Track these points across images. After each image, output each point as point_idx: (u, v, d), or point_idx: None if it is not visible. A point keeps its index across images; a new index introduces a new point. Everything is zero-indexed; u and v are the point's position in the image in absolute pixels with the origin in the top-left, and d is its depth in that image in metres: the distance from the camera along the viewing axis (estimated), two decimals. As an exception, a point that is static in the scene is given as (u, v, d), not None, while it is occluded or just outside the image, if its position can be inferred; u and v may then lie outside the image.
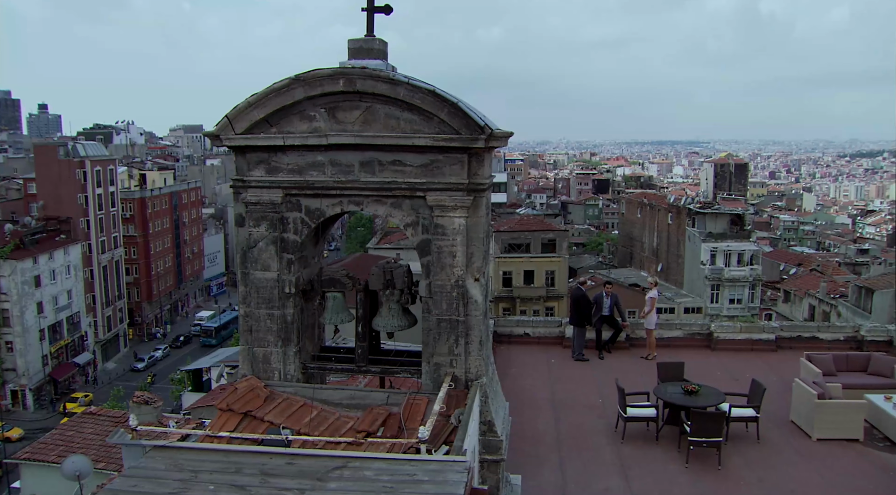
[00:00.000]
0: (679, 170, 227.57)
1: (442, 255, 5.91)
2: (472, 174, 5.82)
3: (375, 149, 5.85)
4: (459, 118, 5.59)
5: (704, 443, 8.62)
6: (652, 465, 8.75)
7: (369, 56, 6.05)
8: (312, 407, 6.12)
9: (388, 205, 6.01)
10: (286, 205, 6.14)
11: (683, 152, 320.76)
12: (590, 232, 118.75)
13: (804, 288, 47.58)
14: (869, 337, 13.33)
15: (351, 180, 5.94)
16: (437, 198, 5.82)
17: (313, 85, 5.73)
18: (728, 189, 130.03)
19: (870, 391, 10.40)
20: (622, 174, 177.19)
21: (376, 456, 4.57)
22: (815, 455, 9.11)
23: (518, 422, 9.96)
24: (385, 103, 5.75)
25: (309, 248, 6.51)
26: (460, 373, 6.06)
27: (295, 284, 6.25)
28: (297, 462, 4.56)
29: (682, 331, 13.76)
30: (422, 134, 5.70)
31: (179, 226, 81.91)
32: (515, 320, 13.89)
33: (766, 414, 10.41)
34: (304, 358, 6.55)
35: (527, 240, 58.59)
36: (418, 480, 4.25)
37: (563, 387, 11.42)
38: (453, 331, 6.00)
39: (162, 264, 76.95)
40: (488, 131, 5.56)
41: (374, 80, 5.65)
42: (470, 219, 5.90)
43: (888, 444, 9.44)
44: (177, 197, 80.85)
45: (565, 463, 8.71)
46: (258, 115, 5.86)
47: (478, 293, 5.99)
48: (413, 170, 5.85)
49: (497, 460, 6.20)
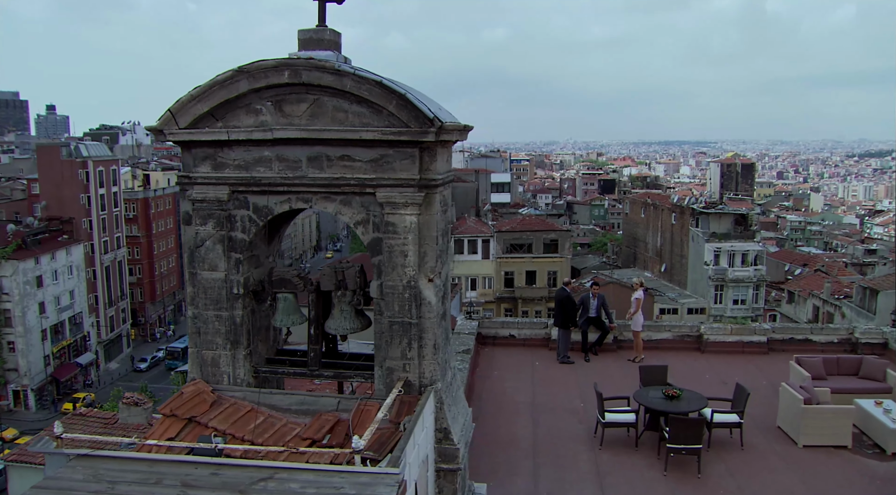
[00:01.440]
0: (686, 170, 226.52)
1: (393, 255, 5.65)
2: (423, 169, 5.55)
3: (323, 143, 5.60)
4: (408, 110, 5.32)
5: (683, 450, 8.31)
6: (629, 473, 8.45)
7: (320, 47, 5.80)
8: (259, 412, 5.88)
9: (337, 203, 5.75)
10: (233, 202, 5.90)
11: (691, 152, 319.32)
12: (595, 232, 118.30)
13: (808, 288, 47.01)
14: (863, 339, 12.97)
15: (298, 176, 5.69)
16: (386, 195, 5.56)
17: (258, 77, 5.48)
18: (735, 189, 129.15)
19: (860, 395, 10.06)
20: (628, 174, 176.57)
21: (305, 467, 4.31)
22: (800, 462, 8.79)
23: (494, 427, 9.72)
24: (333, 96, 5.49)
25: (260, 248, 6.27)
26: (414, 378, 5.80)
27: (243, 285, 6.01)
28: (222, 473, 4.30)
29: (671, 332, 13.43)
30: (371, 127, 5.44)
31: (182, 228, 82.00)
32: (500, 322, 13.61)
33: (753, 420, 10.10)
34: (256, 361, 6.30)
35: (528, 240, 58.32)
36: (345, 493, 3.99)
37: (544, 391, 11.13)
38: (406, 335, 5.74)
39: (165, 264, 77.04)
40: (438, 124, 5.29)
41: (320, 71, 5.39)
42: (422, 217, 5.63)
43: (877, 452, 9.10)
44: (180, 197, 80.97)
45: (539, 470, 8.43)
46: (202, 108, 5.61)
47: (432, 295, 5.72)
48: (362, 166, 5.59)
49: (454, 469, 5.94)
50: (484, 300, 59.21)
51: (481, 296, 59.34)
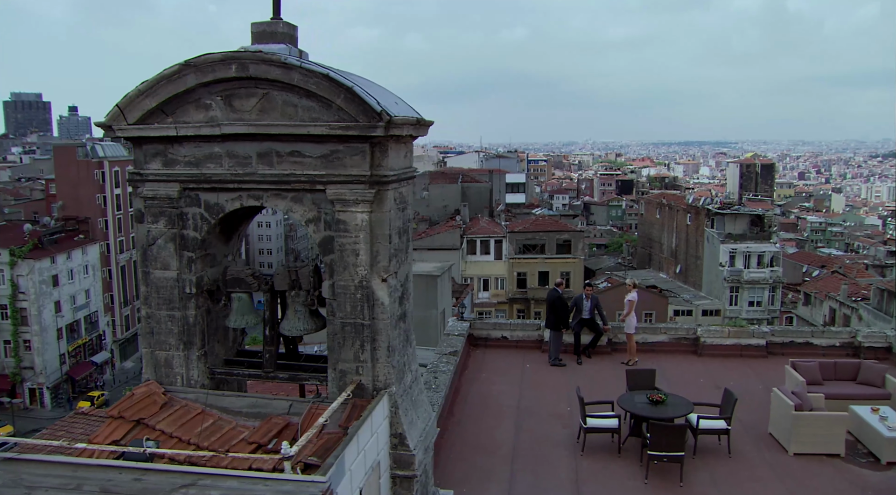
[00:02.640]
0: (705, 170, 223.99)
1: (344, 254, 5.47)
2: (375, 165, 5.37)
3: (273, 139, 5.44)
4: (356, 104, 5.14)
5: (665, 458, 8.03)
6: (609, 480, 8.19)
7: (273, 40, 5.65)
8: (209, 415, 5.73)
9: (288, 200, 5.59)
10: (185, 199, 5.76)
11: (711, 153, 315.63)
12: (612, 233, 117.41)
13: (825, 290, 46.07)
14: (866, 343, 12.55)
15: (248, 173, 5.54)
16: (337, 192, 5.38)
17: (205, 71, 5.33)
18: (754, 189, 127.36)
19: (856, 402, 9.69)
20: (647, 175, 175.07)
21: (230, 474, 4.14)
22: (789, 471, 8.46)
23: (475, 431, 9.51)
24: (282, 90, 5.33)
25: (216, 246, 6.12)
26: (367, 382, 5.61)
27: (196, 284, 5.87)
28: (146, 478, 4.16)
29: (666, 335, 13.11)
30: (320, 122, 5.27)
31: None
32: (492, 323, 13.39)
33: (745, 426, 9.79)
34: (212, 362, 6.15)
35: (541, 240, 57.91)
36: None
37: (532, 394, 10.88)
38: (358, 336, 5.56)
39: (181, 264, 77.68)
40: (387, 117, 5.10)
41: (268, 64, 5.23)
42: (374, 215, 5.45)
43: (871, 461, 8.74)
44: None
45: (516, 476, 8.20)
46: (150, 103, 5.48)
47: (385, 295, 5.53)
48: (312, 162, 5.42)
49: (409, 476, 5.75)
50: (496, 301, 58.94)
51: (493, 296, 59.08)
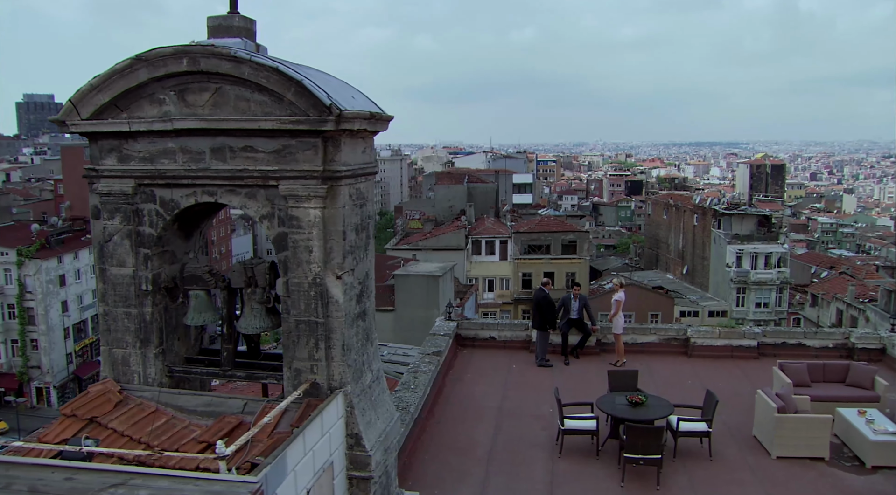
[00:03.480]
0: (716, 171, 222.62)
1: (298, 250, 5.38)
2: (328, 160, 5.28)
3: (226, 134, 5.36)
4: (306, 98, 5.05)
5: (641, 461, 7.88)
6: (585, 483, 8.05)
7: (229, 34, 5.57)
8: (163, 413, 5.66)
9: (242, 196, 5.51)
10: (140, 196, 5.70)
11: (722, 153, 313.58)
12: (620, 233, 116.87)
13: (832, 291, 45.55)
14: (860, 344, 12.33)
15: (202, 168, 5.46)
16: (289, 187, 5.29)
17: (157, 65, 5.26)
18: (764, 190, 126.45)
19: (844, 404, 9.50)
20: (656, 175, 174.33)
21: (162, 474, 4.06)
22: (771, 475, 8.29)
23: (453, 432, 9.40)
24: (235, 84, 5.25)
25: (175, 243, 6.05)
26: (322, 381, 5.52)
27: (153, 281, 5.80)
28: (77, 477, 4.08)
29: (656, 336, 12.94)
30: (271, 117, 5.19)
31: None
32: (480, 323, 13.26)
33: (730, 429, 9.63)
34: (171, 360, 6.08)
35: (547, 241, 57.68)
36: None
37: (515, 395, 10.76)
38: (313, 334, 5.46)
39: (188, 264, 78.03)
40: (337, 111, 5.01)
41: (218, 58, 5.15)
42: (327, 211, 5.35)
43: (856, 464, 8.55)
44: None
45: (490, 478, 8.08)
46: (103, 98, 5.41)
47: (339, 293, 5.44)
48: (265, 157, 5.34)
49: (366, 477, 5.65)
50: (501, 301, 58.77)
51: (498, 297, 58.92)
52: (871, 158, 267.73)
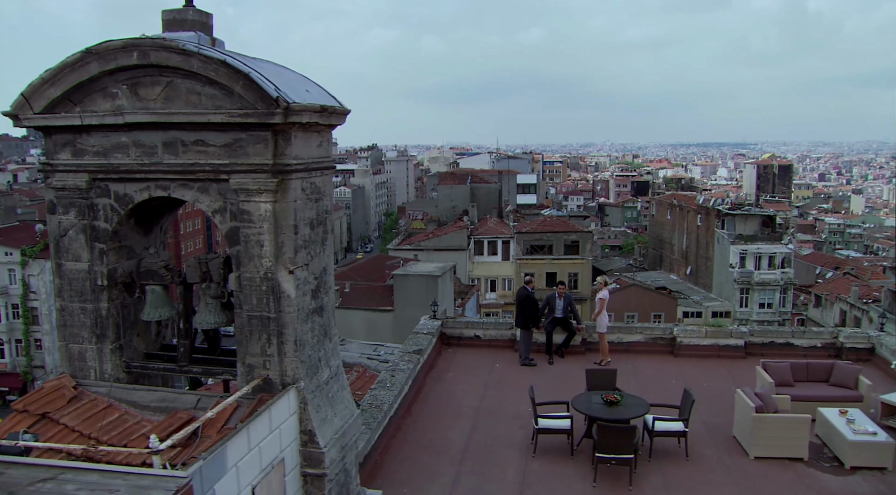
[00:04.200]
0: (723, 172, 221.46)
1: (249, 245, 5.34)
2: (278, 154, 5.24)
3: (177, 128, 5.33)
4: (254, 91, 5.02)
5: (613, 460, 7.78)
6: (557, 483, 7.96)
7: (183, 28, 5.53)
8: (116, 409, 5.63)
9: (195, 190, 5.47)
10: (95, 190, 5.67)
11: (729, 154, 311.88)
12: (626, 234, 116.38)
13: (836, 292, 45.14)
14: (848, 343, 12.17)
15: (155, 163, 5.43)
16: (240, 181, 5.26)
17: (108, 58, 5.23)
18: (771, 191, 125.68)
19: (827, 404, 9.37)
20: (663, 176, 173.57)
21: (92, 468, 4.02)
22: (747, 475, 8.17)
23: (428, 431, 9.33)
24: (185, 77, 5.22)
25: (133, 238, 6.02)
26: (275, 376, 5.48)
27: (108, 276, 5.77)
28: (8, 472, 4.04)
29: (643, 335, 12.82)
30: (223, 110, 5.15)
31: (211, 227, 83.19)
32: (465, 322, 13.18)
33: (710, 429, 9.52)
34: (129, 356, 6.05)
35: (549, 241, 57.41)
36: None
37: (495, 394, 10.67)
38: (265, 330, 5.42)
39: (193, 265, 78.21)
40: (284, 104, 4.96)
41: (167, 51, 5.12)
42: (278, 205, 5.31)
43: (835, 465, 8.41)
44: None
45: (461, 478, 8.00)
46: (55, 92, 5.39)
47: (291, 288, 5.39)
48: (216, 151, 5.30)
49: (320, 474, 5.60)
50: (504, 302, 58.56)
51: (501, 297, 58.73)
52: (881, 159, 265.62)
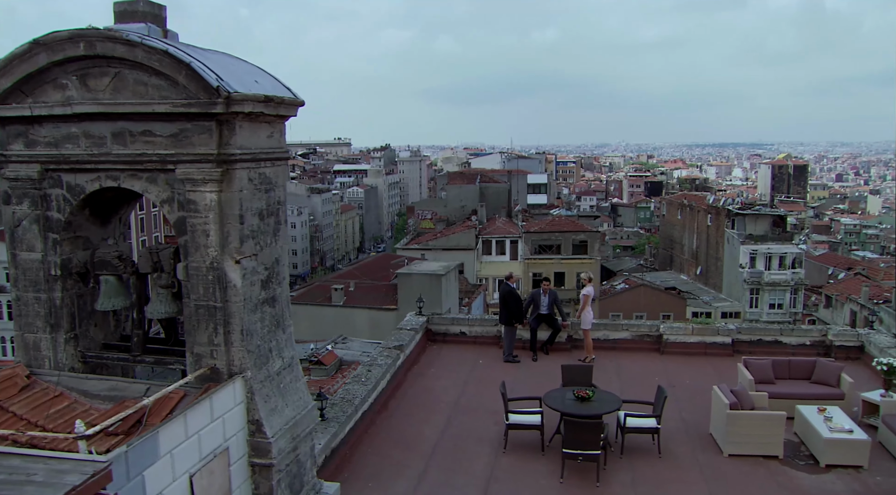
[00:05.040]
0: (738, 172, 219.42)
1: (196, 234, 5.36)
2: (223, 144, 5.25)
3: (125, 118, 5.35)
4: (196, 81, 5.03)
5: (580, 456, 7.72)
6: (525, 478, 7.91)
7: (133, 19, 5.55)
8: (66, 398, 5.67)
9: (143, 180, 5.51)
10: (48, 181, 5.71)
11: (745, 154, 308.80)
12: (639, 234, 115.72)
13: (846, 292, 44.53)
14: (837, 341, 11.99)
15: (104, 153, 5.46)
16: (185, 171, 5.28)
17: (55, 49, 5.27)
18: (786, 191, 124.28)
19: (807, 401, 9.22)
20: (678, 176, 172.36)
21: (16, 452, 4.05)
22: (718, 473, 8.06)
23: (403, 426, 9.32)
24: (132, 68, 5.24)
25: (89, 229, 6.06)
26: (222, 366, 5.49)
27: (62, 266, 5.81)
28: (-66, 457, 4.08)
29: (629, 332, 12.72)
30: (168, 100, 5.17)
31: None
32: (451, 318, 13.15)
33: (688, 426, 9.43)
34: (85, 345, 6.10)
35: (557, 241, 57.26)
36: (30, 481, 3.72)
37: (475, 390, 10.63)
38: (212, 319, 5.43)
39: (204, 263, 78.80)
40: (225, 94, 4.97)
41: (113, 41, 5.14)
42: (223, 194, 5.32)
43: (810, 463, 8.29)
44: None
45: (428, 472, 7.97)
46: (6, 83, 5.43)
47: (237, 277, 5.40)
48: (163, 141, 5.32)
49: (267, 464, 5.60)
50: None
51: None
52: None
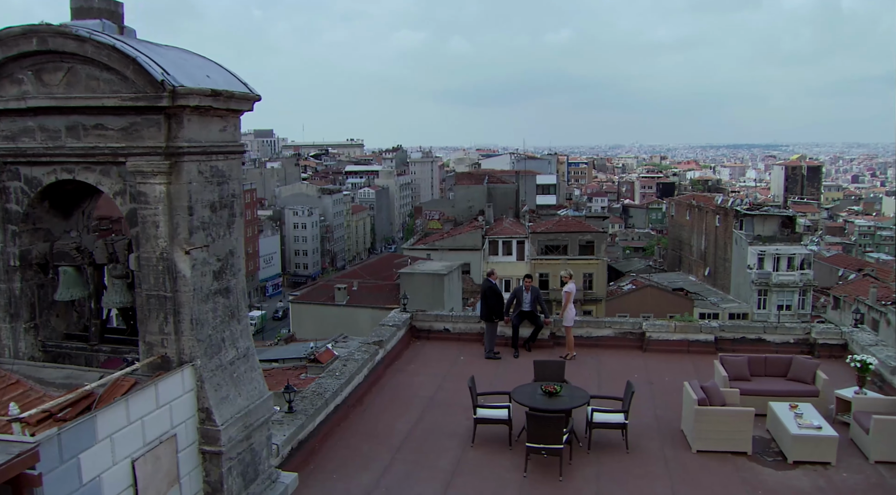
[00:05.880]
0: (752, 173, 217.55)
1: (146, 225, 5.48)
2: (171, 137, 5.37)
3: (78, 112, 5.49)
4: (143, 75, 5.15)
5: (543, 451, 7.75)
6: (488, 472, 7.94)
7: (89, 16, 5.70)
8: (22, 385, 5.80)
9: (97, 173, 5.64)
10: (6, 173, 5.86)
11: (760, 156, 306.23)
12: (650, 236, 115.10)
13: (854, 294, 43.99)
14: (821, 340, 11.93)
15: (58, 146, 5.60)
16: (135, 164, 5.40)
17: (9, 44, 5.41)
18: (800, 192, 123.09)
19: (780, 398, 9.19)
20: (690, 178, 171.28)
21: (-51, 435, 4.17)
22: (684, 468, 8.06)
23: (375, 420, 9.40)
24: (84, 63, 5.38)
25: (51, 221, 6.21)
26: (172, 354, 5.60)
27: (21, 257, 5.96)
28: None
29: (612, 329, 12.71)
30: (118, 94, 5.29)
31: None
32: (434, 315, 13.20)
33: (661, 422, 9.43)
34: (45, 335, 6.24)
35: (564, 241, 57.03)
36: (-42, 461, 3.82)
37: (453, 385, 10.67)
38: (162, 309, 5.55)
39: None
40: (170, 88, 5.08)
41: (64, 37, 5.28)
42: (172, 186, 5.44)
43: (779, 460, 8.26)
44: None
45: (394, 465, 8.03)
46: (-37, 78, 5.59)
47: (187, 268, 5.51)
48: (115, 135, 5.45)
49: (216, 452, 5.70)
50: (518, 302, 58.36)
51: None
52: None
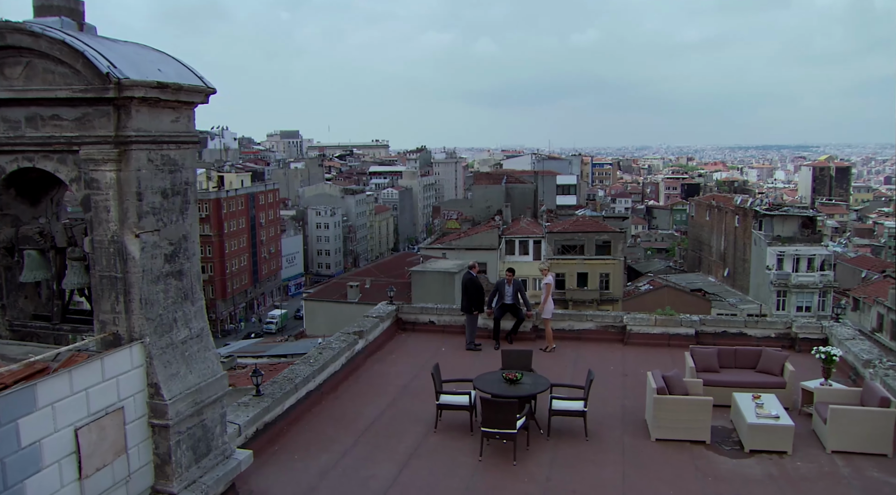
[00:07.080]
0: (781, 174, 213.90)
1: (98, 210, 5.83)
2: (120, 127, 5.71)
3: (36, 104, 5.86)
4: (91, 68, 5.49)
5: (497, 435, 7.95)
6: (444, 455, 8.16)
7: (50, 13, 6.05)
8: (-14, 360, 6.19)
9: (55, 161, 6.00)
10: (-27, 162, 6.26)
11: (790, 157, 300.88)
12: (673, 237, 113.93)
13: (874, 295, 43.20)
14: (802, 334, 11.91)
15: (19, 136, 5.98)
16: (87, 152, 5.75)
17: (-27, 41, 5.80)
18: (828, 193, 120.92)
19: (744, 389, 9.25)
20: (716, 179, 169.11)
21: None
22: (640, 456, 8.18)
23: (346, 406, 9.70)
24: (41, 58, 5.74)
25: (18, 208, 6.60)
26: (123, 332, 5.94)
27: (-14, 241, 6.35)
28: None
29: (593, 322, 12.85)
30: (70, 86, 5.65)
31: (256, 227, 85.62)
32: (420, 307, 13.46)
33: (626, 412, 9.57)
34: (13, 315, 6.63)
35: (581, 241, 56.96)
36: None
37: (429, 375, 10.89)
38: (113, 289, 5.89)
39: (237, 263, 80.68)
40: (115, 79, 5.42)
41: (20, 33, 5.65)
42: (122, 173, 5.78)
43: (736, 449, 8.34)
44: (253, 198, 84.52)
45: (355, 448, 8.30)
46: (-67, 72, 5.99)
47: (136, 250, 5.85)
48: (69, 124, 5.81)
49: (164, 425, 6.03)
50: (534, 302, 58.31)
51: (531, 297, 58.36)
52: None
